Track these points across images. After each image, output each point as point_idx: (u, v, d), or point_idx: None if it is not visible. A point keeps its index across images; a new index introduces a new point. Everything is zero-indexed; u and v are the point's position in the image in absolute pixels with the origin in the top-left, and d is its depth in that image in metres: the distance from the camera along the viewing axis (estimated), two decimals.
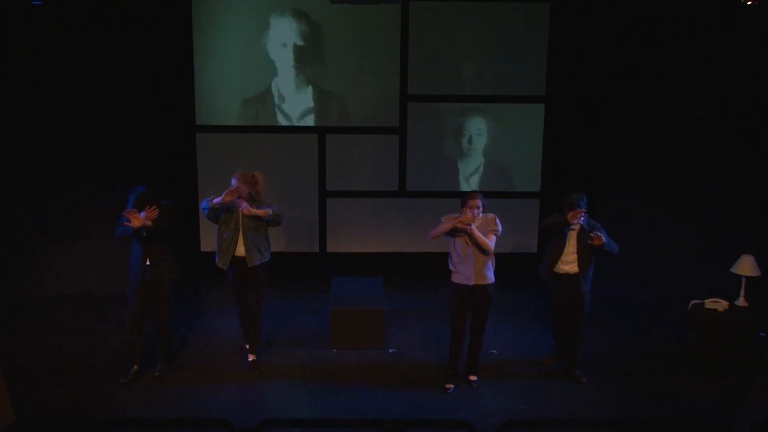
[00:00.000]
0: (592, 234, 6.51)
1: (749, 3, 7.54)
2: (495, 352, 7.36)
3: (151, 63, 8.87)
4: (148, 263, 6.49)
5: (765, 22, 7.93)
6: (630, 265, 8.81)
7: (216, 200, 6.41)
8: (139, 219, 6.21)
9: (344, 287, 7.78)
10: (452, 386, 6.64)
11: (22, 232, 8.38)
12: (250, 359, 6.93)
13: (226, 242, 6.56)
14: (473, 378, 6.77)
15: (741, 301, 7.13)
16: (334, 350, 7.32)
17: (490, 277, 6.50)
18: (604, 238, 6.48)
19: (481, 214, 6.37)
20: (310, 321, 8.05)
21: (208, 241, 9.38)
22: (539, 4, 9.11)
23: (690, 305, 7.22)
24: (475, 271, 6.40)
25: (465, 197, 6.38)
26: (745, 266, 7.03)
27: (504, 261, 9.25)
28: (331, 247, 9.63)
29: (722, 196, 8.48)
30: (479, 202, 6.30)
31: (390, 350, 7.36)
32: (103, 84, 8.33)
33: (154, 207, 6.29)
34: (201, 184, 9.28)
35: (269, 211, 6.50)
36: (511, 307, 8.56)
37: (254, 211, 6.47)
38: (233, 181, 6.46)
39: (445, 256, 6.76)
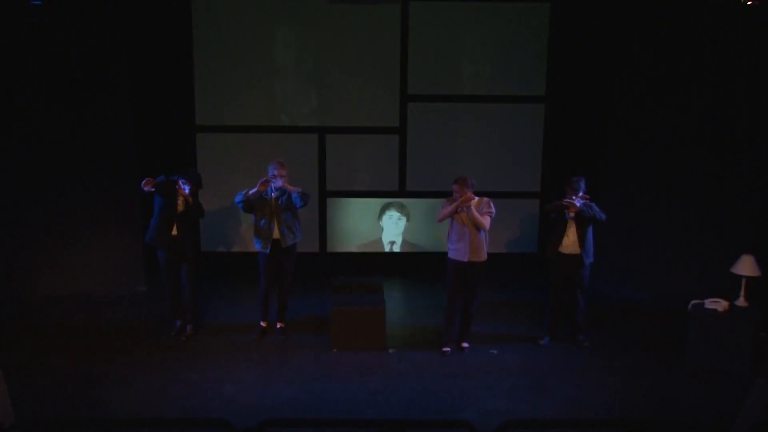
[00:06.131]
0: (565, 202, 7.14)
1: (749, 3, 7.55)
2: (495, 352, 7.37)
3: (151, 63, 8.88)
4: (175, 233, 7.28)
5: (765, 22, 7.93)
6: (630, 265, 8.83)
7: (252, 191, 7.18)
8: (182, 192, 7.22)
9: (344, 287, 7.78)
10: (449, 349, 7.32)
11: (21, 232, 8.38)
12: (278, 326, 7.70)
13: (265, 228, 7.37)
14: (465, 345, 7.39)
15: (741, 301, 7.13)
16: (334, 350, 7.33)
17: (483, 255, 7.16)
18: (578, 203, 7.09)
19: (476, 198, 7.02)
20: (309, 321, 8.06)
21: (208, 242, 9.40)
22: (539, 4, 9.12)
23: (690, 305, 7.23)
24: (470, 248, 7.06)
25: (456, 181, 7.08)
26: (745, 266, 7.03)
27: (504, 260, 9.35)
28: (331, 247, 9.64)
29: (722, 197, 8.48)
30: (470, 181, 7.04)
31: (390, 350, 7.37)
32: (103, 84, 8.33)
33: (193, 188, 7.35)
34: None
35: (299, 189, 7.32)
36: (511, 306, 8.56)
37: (289, 186, 7.28)
38: (270, 170, 7.23)
39: (443, 256, 7.28)
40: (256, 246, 7.49)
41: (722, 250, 8.08)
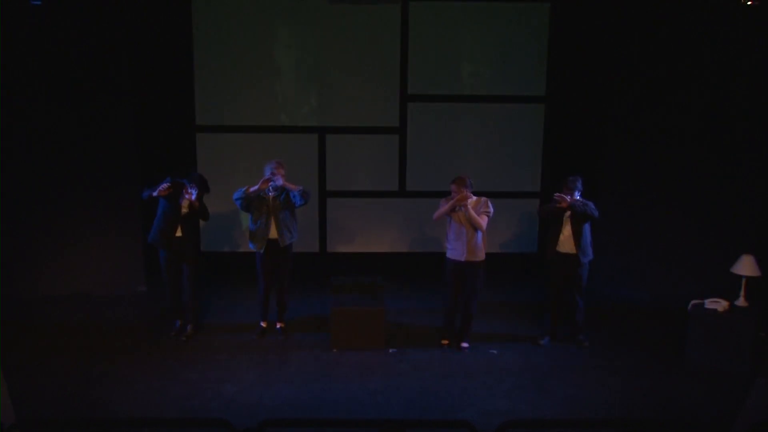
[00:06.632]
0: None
1: (749, 3, 7.55)
2: (495, 352, 7.37)
3: (151, 63, 8.88)
4: (179, 234, 7.28)
5: (765, 22, 7.93)
6: (630, 265, 8.83)
7: (252, 189, 7.22)
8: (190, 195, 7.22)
9: (344, 287, 7.78)
10: (447, 341, 7.44)
11: (22, 232, 8.38)
12: (278, 326, 7.73)
13: (261, 228, 7.37)
14: (465, 345, 7.40)
15: (741, 301, 7.13)
16: (334, 350, 7.33)
17: (481, 255, 7.19)
18: (568, 199, 7.12)
19: (474, 197, 7.10)
20: (309, 321, 8.05)
21: (208, 242, 9.39)
22: (539, 4, 9.11)
23: (690, 305, 7.24)
24: (467, 248, 7.10)
25: (454, 181, 7.14)
26: (745, 266, 7.03)
27: (504, 260, 9.35)
28: (331, 247, 9.63)
29: (722, 197, 8.48)
30: (468, 181, 7.12)
31: (390, 350, 7.37)
32: (103, 84, 8.32)
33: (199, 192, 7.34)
34: None
35: (300, 188, 7.35)
36: (511, 306, 8.56)
37: (289, 184, 7.32)
38: (267, 170, 7.26)
39: (443, 256, 7.32)
40: (250, 246, 7.52)
41: (722, 250, 8.08)
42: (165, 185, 7.15)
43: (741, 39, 8.11)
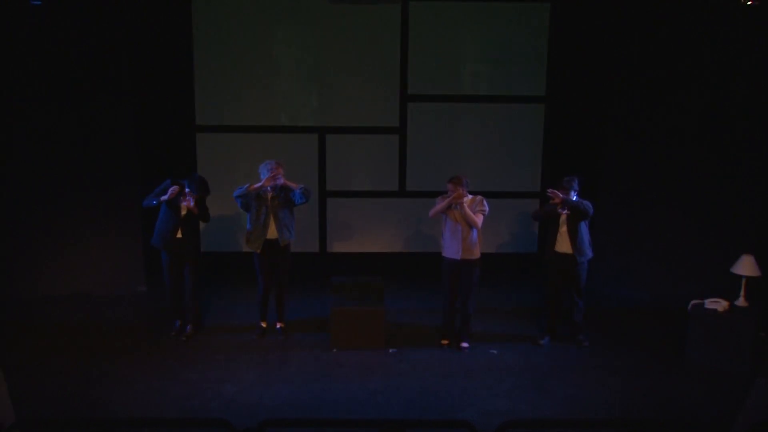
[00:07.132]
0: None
1: (749, 3, 7.55)
2: (495, 352, 7.37)
3: (151, 63, 8.88)
4: (180, 236, 7.29)
5: (765, 22, 7.93)
6: (630, 265, 8.83)
7: (256, 185, 7.23)
8: (187, 201, 7.28)
9: (344, 287, 7.78)
10: (447, 342, 7.45)
11: (22, 231, 8.39)
12: (278, 326, 7.71)
13: (259, 227, 7.37)
14: (465, 345, 7.39)
15: (741, 301, 7.13)
16: (334, 350, 7.33)
17: (476, 253, 7.23)
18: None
19: (469, 196, 7.16)
20: (309, 321, 8.06)
21: (208, 242, 9.38)
22: (539, 4, 9.12)
23: (690, 305, 7.24)
24: (462, 246, 7.15)
25: (451, 180, 7.18)
26: (745, 266, 7.03)
27: (504, 261, 9.36)
28: (331, 247, 9.64)
29: (722, 197, 8.48)
30: (464, 180, 7.16)
31: (390, 350, 7.37)
32: (103, 84, 8.33)
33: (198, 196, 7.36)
34: None
35: (302, 186, 7.39)
36: (511, 306, 8.56)
37: (290, 183, 7.36)
38: (264, 169, 7.28)
39: (442, 256, 7.32)
40: (248, 247, 7.51)
41: (722, 250, 8.08)
42: (174, 187, 7.18)
43: (741, 39, 8.11)
